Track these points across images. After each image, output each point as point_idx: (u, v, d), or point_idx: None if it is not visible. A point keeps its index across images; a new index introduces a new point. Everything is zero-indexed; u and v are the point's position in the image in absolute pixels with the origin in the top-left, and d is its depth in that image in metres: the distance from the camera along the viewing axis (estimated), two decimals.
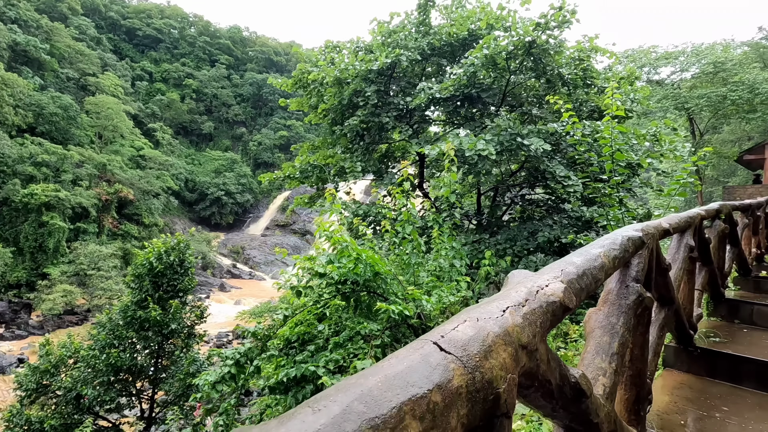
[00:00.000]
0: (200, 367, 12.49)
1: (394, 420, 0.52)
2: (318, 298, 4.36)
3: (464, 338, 0.73)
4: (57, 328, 39.52)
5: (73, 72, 65.86)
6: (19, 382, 12.20)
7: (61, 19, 71.60)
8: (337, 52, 10.64)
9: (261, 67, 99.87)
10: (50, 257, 45.68)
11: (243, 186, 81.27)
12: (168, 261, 12.73)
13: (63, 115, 56.12)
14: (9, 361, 31.71)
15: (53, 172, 49.56)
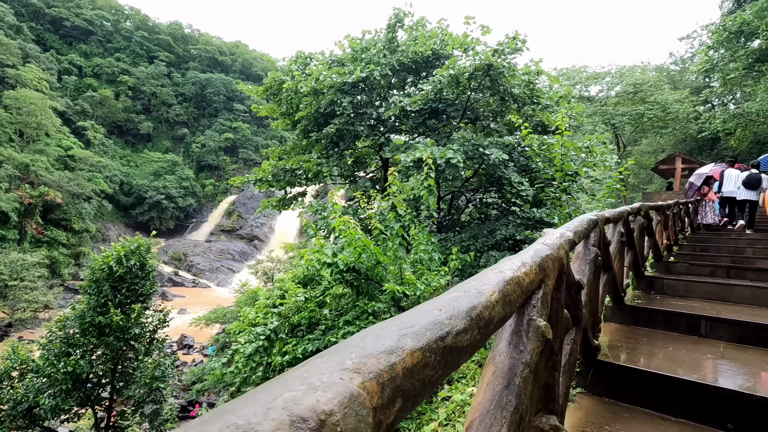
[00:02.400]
0: (165, 371, 12.37)
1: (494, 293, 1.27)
2: (325, 287, 4.99)
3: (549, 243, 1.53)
4: None
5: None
6: None
7: None
8: (306, 63, 11.21)
9: (204, 66, 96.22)
10: None
11: (185, 189, 77.71)
12: (128, 265, 12.48)
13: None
14: None
15: None
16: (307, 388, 0.47)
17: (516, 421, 1.02)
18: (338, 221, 4.57)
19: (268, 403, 0.44)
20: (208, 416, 0.42)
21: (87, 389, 11.64)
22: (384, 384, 0.57)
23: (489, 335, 0.85)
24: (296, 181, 11.63)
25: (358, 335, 0.62)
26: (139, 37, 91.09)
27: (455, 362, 0.72)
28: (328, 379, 0.50)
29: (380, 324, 0.67)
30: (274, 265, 39.30)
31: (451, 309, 0.76)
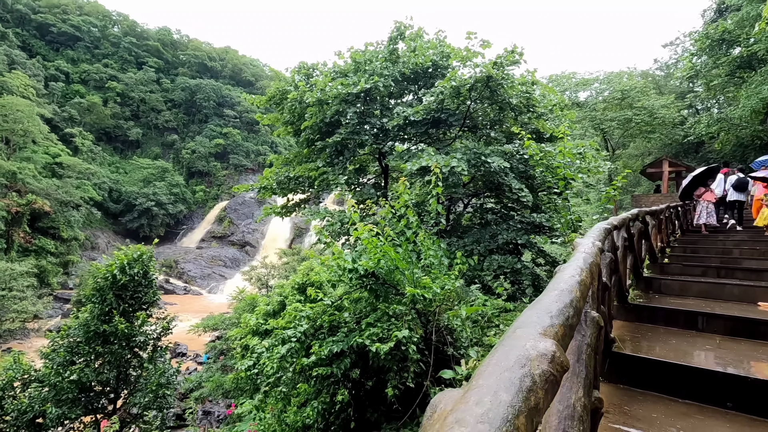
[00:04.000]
0: (169, 378, 12.45)
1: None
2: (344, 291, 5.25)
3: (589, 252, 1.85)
4: None
5: None
6: None
7: None
8: (309, 74, 11.50)
9: (194, 71, 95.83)
10: None
11: (175, 196, 77.15)
12: (131, 273, 12.56)
13: None
14: None
15: None
16: (533, 343, 0.78)
17: (587, 385, 1.35)
18: (361, 229, 4.84)
19: (521, 348, 0.74)
20: (503, 347, 0.72)
21: (92, 397, 11.67)
22: (560, 337, 0.88)
23: (579, 321, 1.17)
24: (299, 188, 11.87)
25: (525, 318, 0.93)
26: (127, 43, 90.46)
27: (572, 333, 1.06)
28: (534, 339, 0.82)
29: (530, 312, 0.97)
30: (268, 271, 39.24)
31: (563, 302, 1.06)
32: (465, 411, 0.59)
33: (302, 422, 4.71)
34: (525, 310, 1.13)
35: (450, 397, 0.70)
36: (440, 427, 0.58)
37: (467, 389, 0.69)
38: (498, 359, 0.77)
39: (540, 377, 0.71)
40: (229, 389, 19.48)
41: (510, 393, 0.64)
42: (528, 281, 8.28)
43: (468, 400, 0.63)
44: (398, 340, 4.21)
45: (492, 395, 0.62)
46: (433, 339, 5.40)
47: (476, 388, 0.66)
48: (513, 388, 0.66)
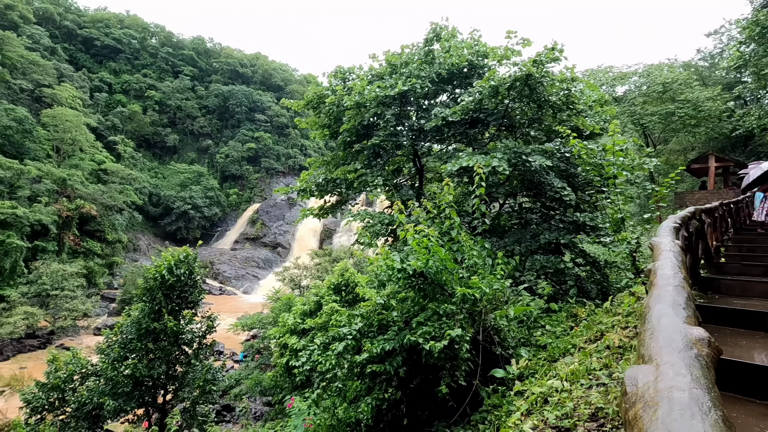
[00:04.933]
0: (215, 375, 12.94)
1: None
2: (392, 291, 5.36)
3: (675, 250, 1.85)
4: (18, 353, 37.38)
5: (27, 83, 62.85)
6: (27, 400, 12.18)
7: (12, 27, 68.25)
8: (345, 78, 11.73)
9: (226, 78, 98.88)
10: (6, 278, 43.20)
11: (210, 199, 79.81)
12: (178, 273, 13.13)
13: (17, 128, 53.51)
14: None
15: (8, 188, 47.09)
16: (686, 330, 0.86)
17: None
18: (410, 230, 4.94)
19: (680, 333, 0.82)
20: (657, 331, 0.80)
21: (143, 391, 12.29)
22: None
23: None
24: (336, 190, 12.11)
25: (660, 309, 1.00)
26: (164, 53, 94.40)
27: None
28: (683, 326, 0.89)
29: (660, 304, 1.04)
30: (300, 271, 40.00)
31: (683, 295, 1.12)
32: (673, 380, 0.67)
33: (355, 417, 4.84)
34: (650, 301, 1.17)
35: (645, 370, 0.78)
36: (654, 392, 0.66)
37: (656, 366, 0.76)
38: (665, 341, 0.83)
39: (707, 357, 0.78)
40: (268, 387, 20.04)
41: (698, 369, 0.71)
42: (572, 281, 8.13)
43: (666, 373, 0.70)
44: (451, 338, 4.26)
45: (686, 369, 0.70)
46: (480, 338, 5.42)
47: (665, 364, 0.73)
48: (697, 364, 0.73)
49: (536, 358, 4.93)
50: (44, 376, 12.67)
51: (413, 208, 6.72)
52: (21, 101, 60.26)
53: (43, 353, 37.61)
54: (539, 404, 3.65)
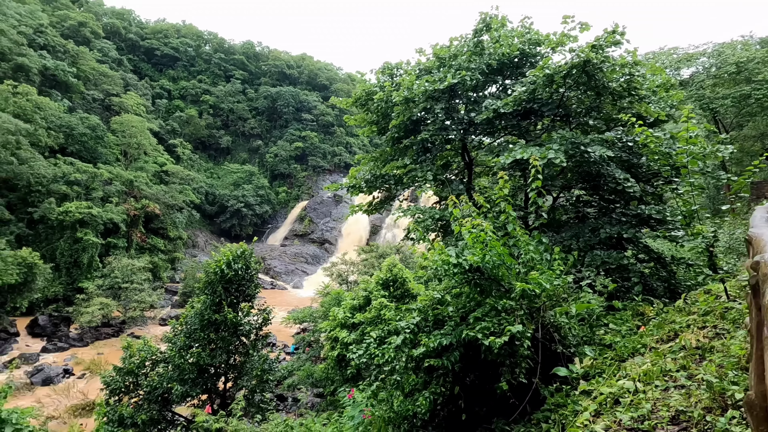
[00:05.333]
0: (271, 365, 13.52)
1: None
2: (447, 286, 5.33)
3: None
4: (95, 340, 41.01)
5: (98, 93, 68.44)
6: (106, 383, 13.32)
7: (84, 42, 74.48)
8: (392, 73, 11.74)
9: (274, 80, 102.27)
10: (84, 272, 47.47)
11: (261, 197, 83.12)
12: (236, 268, 13.80)
13: (91, 135, 58.39)
14: (56, 372, 33.12)
15: (84, 190, 51.54)
16: None
17: None
18: (468, 225, 4.88)
19: None
20: None
21: (206, 378, 13.08)
22: None
23: None
24: (385, 186, 12.19)
25: None
26: (217, 59, 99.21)
27: None
28: None
29: None
30: (347, 267, 40.78)
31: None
32: None
33: (412, 410, 4.88)
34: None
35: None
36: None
37: None
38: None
39: None
40: (319, 378, 20.66)
41: None
42: (636, 278, 7.68)
43: None
44: (512, 334, 4.18)
45: None
46: (539, 336, 5.27)
47: None
48: None
49: (602, 358, 4.71)
50: (120, 362, 13.78)
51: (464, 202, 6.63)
52: (93, 110, 65.71)
53: (117, 341, 41.05)
54: (609, 405, 3.49)
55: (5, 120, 43.36)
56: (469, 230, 4.83)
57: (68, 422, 25.53)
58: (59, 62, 62.13)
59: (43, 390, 30.20)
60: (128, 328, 43.84)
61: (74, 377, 32.80)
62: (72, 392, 28.76)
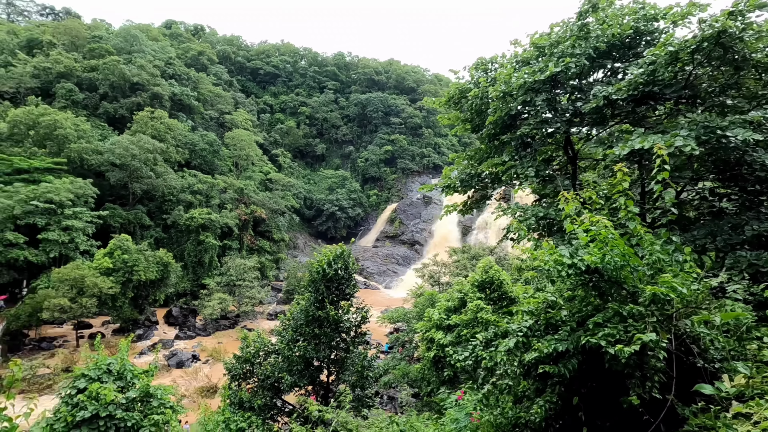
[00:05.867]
0: (370, 362, 13.97)
1: None
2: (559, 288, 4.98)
3: None
4: (216, 330, 46.35)
5: (214, 112, 77.48)
6: (228, 369, 14.90)
7: (202, 69, 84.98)
8: (487, 69, 11.38)
9: (364, 87, 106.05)
10: (206, 270, 53.94)
11: (354, 201, 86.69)
12: (336, 267, 14.52)
13: (209, 149, 66.28)
14: (186, 357, 38.13)
15: (205, 198, 58.64)
16: None
17: None
18: (587, 222, 4.51)
19: None
20: None
21: (312, 371, 13.96)
22: None
23: None
24: (480, 184, 11.87)
25: None
26: (311, 72, 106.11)
27: None
28: None
29: None
30: (439, 268, 40.56)
31: None
32: None
33: (525, 418, 4.64)
34: None
35: None
36: None
37: None
38: None
39: None
40: (414, 378, 20.84)
41: None
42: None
43: None
44: (643, 343, 3.74)
45: None
46: (672, 347, 4.66)
47: None
48: None
49: (761, 377, 4.00)
50: (239, 350, 15.34)
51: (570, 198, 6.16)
52: (210, 127, 74.55)
53: (233, 332, 46.01)
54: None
55: (146, 141, 51.24)
56: (587, 228, 4.45)
57: (196, 401, 29.21)
58: (184, 88, 71.69)
59: (177, 372, 34.99)
60: (242, 321, 48.75)
61: (200, 362, 37.43)
62: (199, 375, 32.84)
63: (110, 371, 11.02)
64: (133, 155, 49.07)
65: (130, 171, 49.91)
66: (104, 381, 10.67)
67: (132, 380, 10.96)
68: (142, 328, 43.04)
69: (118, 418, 9.89)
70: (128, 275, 39.54)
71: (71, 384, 10.63)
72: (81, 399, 9.90)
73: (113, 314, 40.22)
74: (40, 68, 58.94)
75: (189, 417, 22.21)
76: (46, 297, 34.39)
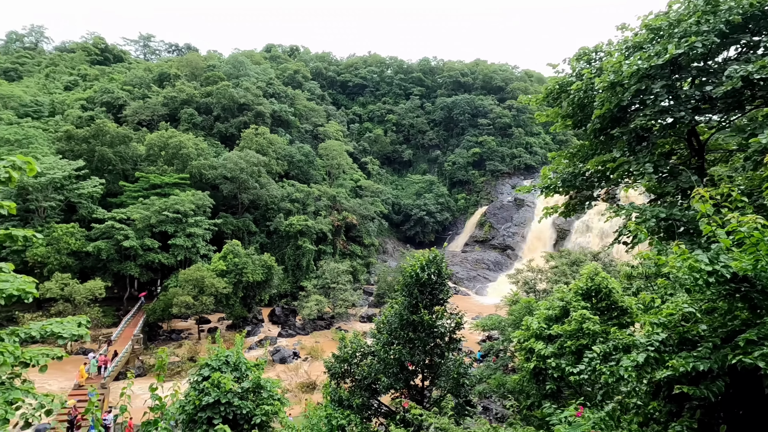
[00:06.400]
0: (467, 369, 13.66)
1: None
2: (697, 299, 4.37)
3: None
4: (313, 330, 49.21)
5: (308, 125, 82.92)
6: (328, 367, 15.66)
7: (298, 86, 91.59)
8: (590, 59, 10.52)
9: (449, 90, 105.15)
10: (304, 273, 57.64)
11: (441, 205, 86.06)
12: (429, 272, 14.49)
13: (305, 160, 70.99)
14: (288, 354, 41.04)
15: (302, 206, 62.86)
16: None
17: None
18: (734, 222, 3.90)
19: None
20: None
21: (407, 375, 14.07)
22: None
23: None
24: (585, 184, 10.97)
25: None
26: (397, 80, 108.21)
27: None
28: None
29: None
30: (535, 274, 38.32)
31: None
32: None
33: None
34: None
35: None
36: None
37: None
38: None
39: None
40: (511, 389, 19.85)
41: None
42: None
43: None
44: None
45: None
46: None
47: None
48: None
49: None
50: (336, 350, 16.05)
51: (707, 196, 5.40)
52: (305, 140, 79.87)
53: (329, 332, 48.51)
54: None
55: (251, 155, 56.69)
56: (732, 228, 3.85)
57: (297, 396, 31.28)
58: (282, 105, 77.97)
59: (280, 367, 37.86)
60: (336, 322, 51.11)
61: (300, 359, 40.03)
62: (299, 372, 35.14)
63: (228, 362, 12.31)
64: (241, 169, 54.61)
65: (239, 183, 55.59)
66: (223, 371, 11.94)
67: (246, 372, 12.12)
68: (250, 325, 47.36)
69: (235, 405, 10.98)
70: (239, 277, 43.91)
71: (198, 372, 12.08)
72: (206, 386, 11.20)
73: (227, 311, 44.93)
74: (168, 97, 68.67)
75: (292, 410, 23.84)
76: (175, 294, 39.65)
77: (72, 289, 37.49)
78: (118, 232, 42.99)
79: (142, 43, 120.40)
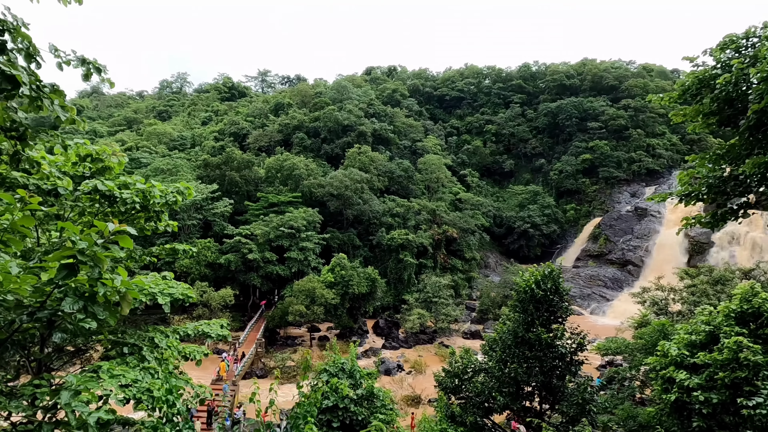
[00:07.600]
0: (593, 395, 12.55)
1: None
2: None
3: None
4: (416, 344, 49.36)
5: (407, 141, 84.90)
6: (438, 381, 15.63)
7: (396, 104, 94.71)
8: (740, 47, 9.16)
9: (553, 95, 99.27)
10: (406, 286, 58.45)
11: (548, 217, 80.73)
12: (545, 288, 13.73)
13: (405, 176, 72.64)
14: (392, 366, 41.73)
15: (402, 220, 64.19)
16: None
17: None
18: None
19: None
20: None
21: (524, 396, 13.39)
22: None
23: None
24: (739, 189, 9.46)
25: None
26: (495, 90, 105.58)
27: None
28: None
29: None
30: (666, 294, 33.60)
31: None
32: None
33: None
34: None
35: None
36: None
37: None
38: None
39: None
40: (644, 423, 17.57)
41: None
42: None
43: None
44: None
45: None
46: None
47: None
48: None
49: None
50: (446, 365, 15.95)
51: None
52: (404, 155, 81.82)
53: (431, 346, 48.22)
54: None
55: (355, 173, 59.92)
56: None
57: (403, 409, 31.50)
58: (382, 124, 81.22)
59: (385, 378, 38.56)
60: (438, 337, 50.63)
61: (404, 372, 40.38)
62: (404, 384, 35.42)
63: (344, 370, 13.03)
64: (345, 186, 58.00)
65: (343, 199, 59.03)
66: (340, 377, 12.68)
67: (360, 380, 12.69)
68: (356, 335, 49.33)
69: (351, 411, 11.54)
70: (345, 288, 46.25)
71: (317, 376, 13.00)
72: (325, 390, 11.99)
73: (335, 321, 47.51)
74: (282, 124, 76.31)
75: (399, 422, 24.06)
76: (290, 303, 43.22)
77: (209, 296, 43.25)
78: (244, 246, 48.61)
79: (260, 78, 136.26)
